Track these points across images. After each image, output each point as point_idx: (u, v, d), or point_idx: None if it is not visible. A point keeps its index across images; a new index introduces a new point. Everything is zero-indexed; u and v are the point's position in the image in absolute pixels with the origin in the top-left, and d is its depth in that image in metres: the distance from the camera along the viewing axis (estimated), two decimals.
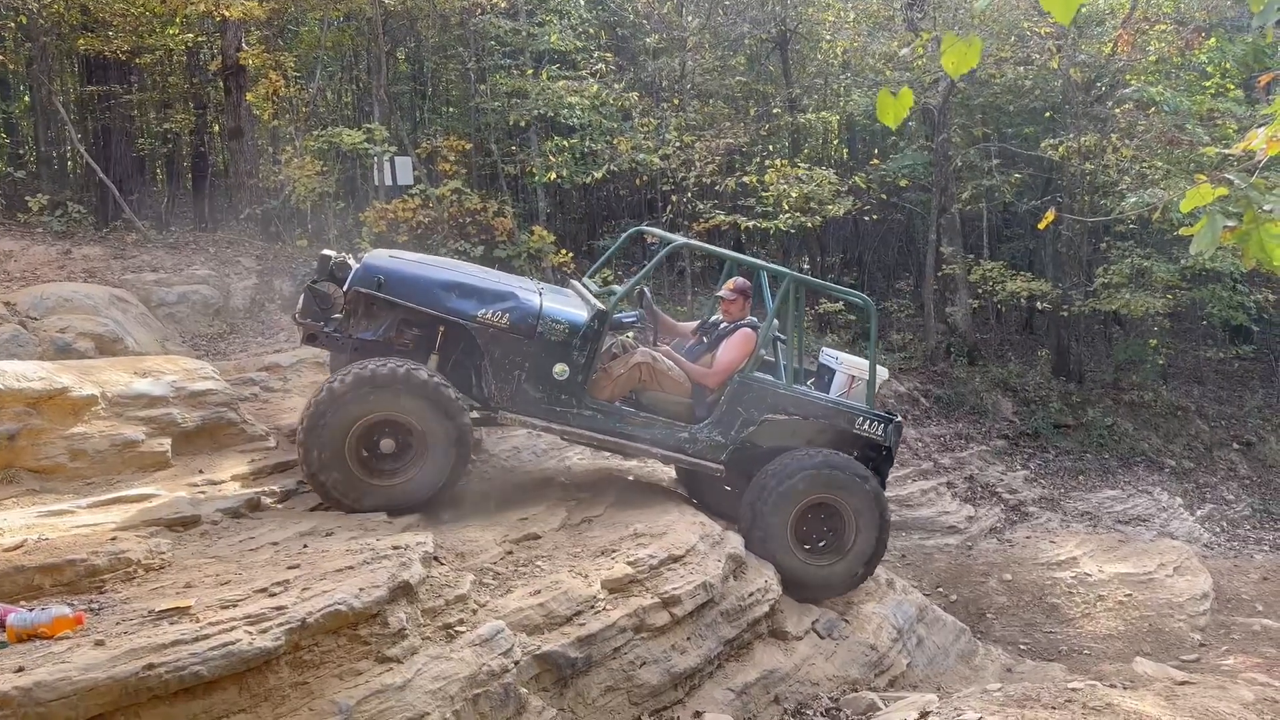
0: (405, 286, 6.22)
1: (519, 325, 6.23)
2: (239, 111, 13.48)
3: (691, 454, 6.65)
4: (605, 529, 6.38)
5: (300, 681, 3.95)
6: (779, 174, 13.95)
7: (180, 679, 3.56)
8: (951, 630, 8.26)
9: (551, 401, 6.33)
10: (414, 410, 5.88)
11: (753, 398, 6.65)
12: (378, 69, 14.39)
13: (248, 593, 4.18)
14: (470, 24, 14.76)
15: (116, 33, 13.12)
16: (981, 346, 17.31)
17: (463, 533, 5.95)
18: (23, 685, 3.32)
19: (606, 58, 15.31)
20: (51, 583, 4.37)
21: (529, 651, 4.90)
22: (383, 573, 4.58)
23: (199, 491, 6.00)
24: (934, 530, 12.03)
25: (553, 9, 15.72)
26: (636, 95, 15.20)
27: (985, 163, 17.68)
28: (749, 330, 6.91)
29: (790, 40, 17.09)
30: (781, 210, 13.97)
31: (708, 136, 14.94)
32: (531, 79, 14.45)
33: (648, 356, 6.72)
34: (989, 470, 13.85)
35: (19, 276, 9.87)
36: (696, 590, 5.78)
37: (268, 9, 12.87)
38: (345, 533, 5.56)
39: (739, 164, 15.52)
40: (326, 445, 5.77)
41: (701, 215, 14.49)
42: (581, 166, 14.93)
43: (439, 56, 16.67)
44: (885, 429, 6.97)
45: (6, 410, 5.91)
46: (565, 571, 5.60)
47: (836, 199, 14.28)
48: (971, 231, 19.21)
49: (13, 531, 5.00)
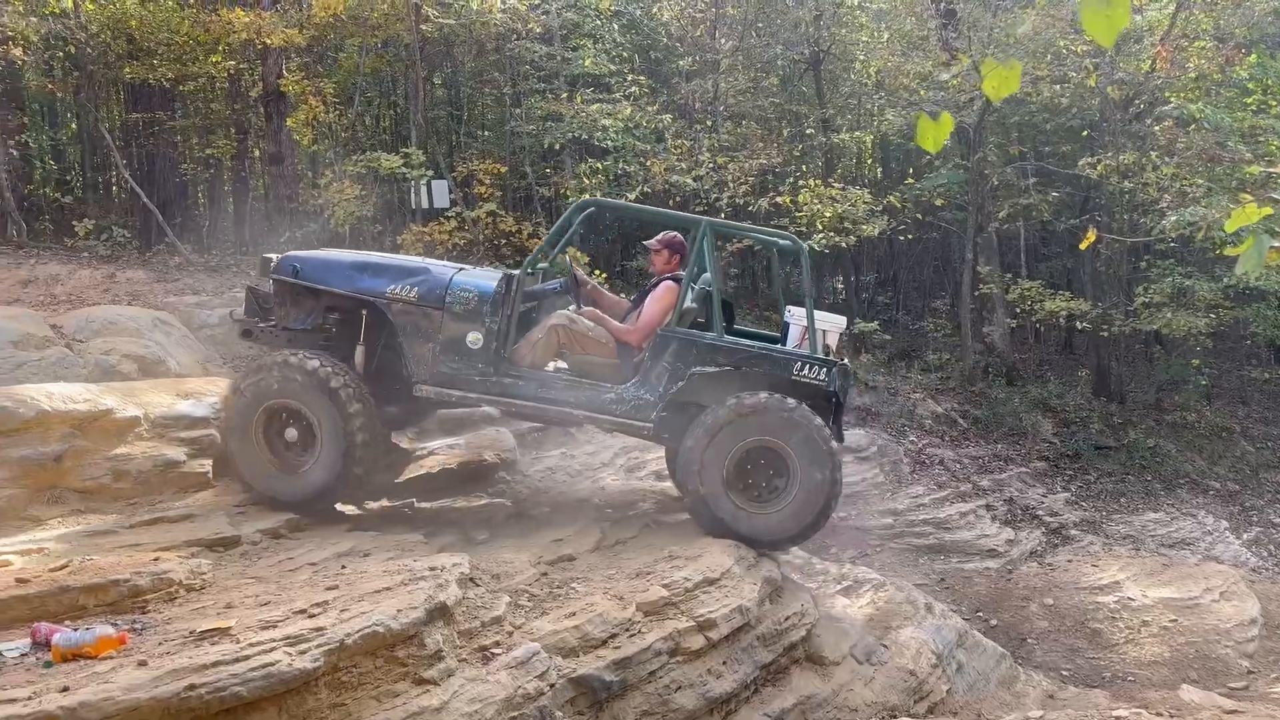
0: (318, 271, 6.34)
1: (428, 297, 6.19)
2: (279, 137, 13.73)
3: (619, 415, 6.32)
4: (639, 551, 6.35)
5: (338, 703, 3.97)
6: (813, 194, 13.94)
7: (221, 699, 3.60)
8: (992, 655, 8.12)
9: (469, 371, 6.20)
10: (308, 399, 5.94)
11: (678, 351, 6.28)
12: (415, 94, 14.59)
13: (287, 613, 4.21)
14: (506, 49, 14.94)
15: (161, 61, 13.45)
16: (1020, 366, 17.12)
17: (497, 554, 5.96)
18: (68, 705, 3.37)
19: (640, 80, 15.42)
20: (95, 603, 4.43)
21: (564, 674, 4.88)
22: (420, 594, 4.59)
23: (239, 512, 6.06)
24: (973, 553, 11.86)
25: (587, 33, 15.88)
26: (670, 117, 15.28)
27: (1022, 181, 17.55)
28: (670, 283, 6.58)
29: (823, 61, 17.12)
30: (815, 230, 13.95)
31: (741, 157, 14.98)
32: (566, 102, 14.58)
33: (563, 318, 6.49)
34: (1029, 492, 13.65)
35: (65, 299, 10.09)
36: (732, 614, 5.73)
37: (308, 36, 13.13)
38: (382, 553, 5.59)
39: (772, 184, 15.53)
40: (237, 425, 5.97)
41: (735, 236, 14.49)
42: (615, 188, 15.02)
43: (475, 81, 16.89)
44: (828, 373, 6.35)
45: (53, 431, 6.02)
46: (600, 594, 5.58)
47: (871, 218, 14.24)
48: (1008, 250, 19.04)
49: (58, 552, 5.09)
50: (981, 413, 15.18)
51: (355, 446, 6.01)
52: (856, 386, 14.41)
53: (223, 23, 12.80)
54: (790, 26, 16.69)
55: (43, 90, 15.62)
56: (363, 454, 6.08)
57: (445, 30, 14.29)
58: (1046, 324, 18.05)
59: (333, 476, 6.05)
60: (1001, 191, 17.40)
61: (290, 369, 5.97)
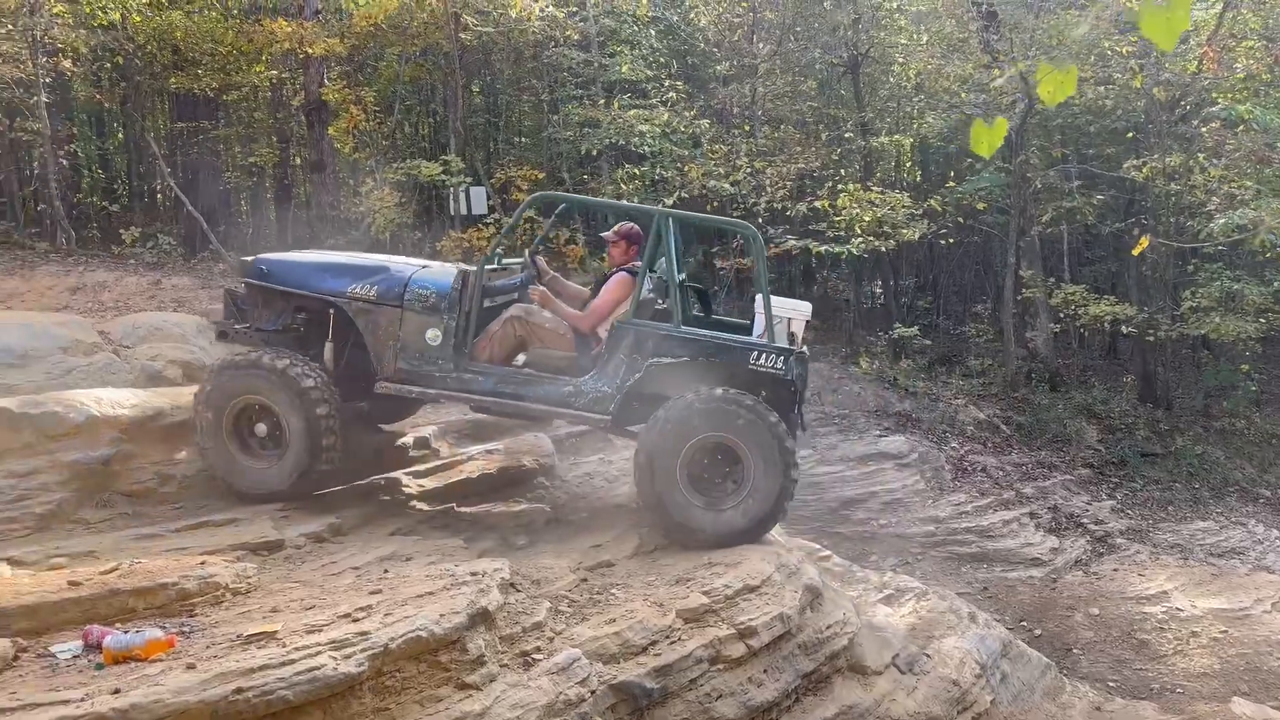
0: (285, 273, 6.46)
1: (386, 296, 6.23)
2: (321, 145, 13.90)
3: (578, 408, 6.25)
4: (678, 557, 6.32)
5: (382, 707, 3.99)
6: (851, 198, 13.85)
7: (267, 703, 3.63)
8: (1037, 666, 8.00)
9: (429, 368, 6.21)
10: (275, 396, 6.03)
11: (635, 343, 6.18)
12: (454, 102, 14.72)
13: (332, 618, 4.24)
14: (544, 56, 15.02)
15: (205, 71, 13.70)
16: (1063, 372, 16.90)
17: (537, 559, 5.97)
18: (119, 707, 3.42)
19: (677, 86, 15.42)
20: (145, 605, 4.49)
21: (605, 681, 4.87)
22: (462, 599, 4.60)
23: (283, 516, 6.12)
24: (1016, 562, 11.71)
25: (624, 40, 15.93)
26: (707, 122, 15.28)
27: (1065, 184, 17.31)
28: (625, 274, 6.50)
29: (862, 64, 17.02)
30: (854, 234, 13.86)
31: (778, 161, 14.93)
32: (603, 109, 14.62)
33: (519, 310, 6.44)
34: (1073, 500, 13.45)
35: (113, 306, 10.27)
36: (773, 622, 5.68)
37: (349, 45, 13.29)
38: (424, 558, 5.62)
39: (810, 188, 15.46)
40: (209, 421, 6.10)
41: (772, 240, 14.44)
42: (652, 193, 15.03)
43: (513, 89, 17.00)
44: (785, 361, 6.18)
45: (101, 436, 6.10)
46: (640, 600, 5.56)
47: (911, 222, 14.12)
48: (1051, 254, 18.81)
49: (108, 555, 5.16)
50: (1024, 419, 14.99)
51: (321, 445, 6.09)
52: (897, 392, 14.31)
53: (266, 33, 13.00)
54: (828, 30, 16.62)
55: (91, 101, 15.96)
56: (329, 452, 6.15)
57: (484, 38, 14.40)
58: (1091, 329, 17.81)
59: (299, 472, 6.13)
60: (1044, 195, 17.19)
61: (260, 368, 6.09)
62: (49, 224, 12.99)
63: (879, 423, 13.44)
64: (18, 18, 12.33)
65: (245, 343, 6.65)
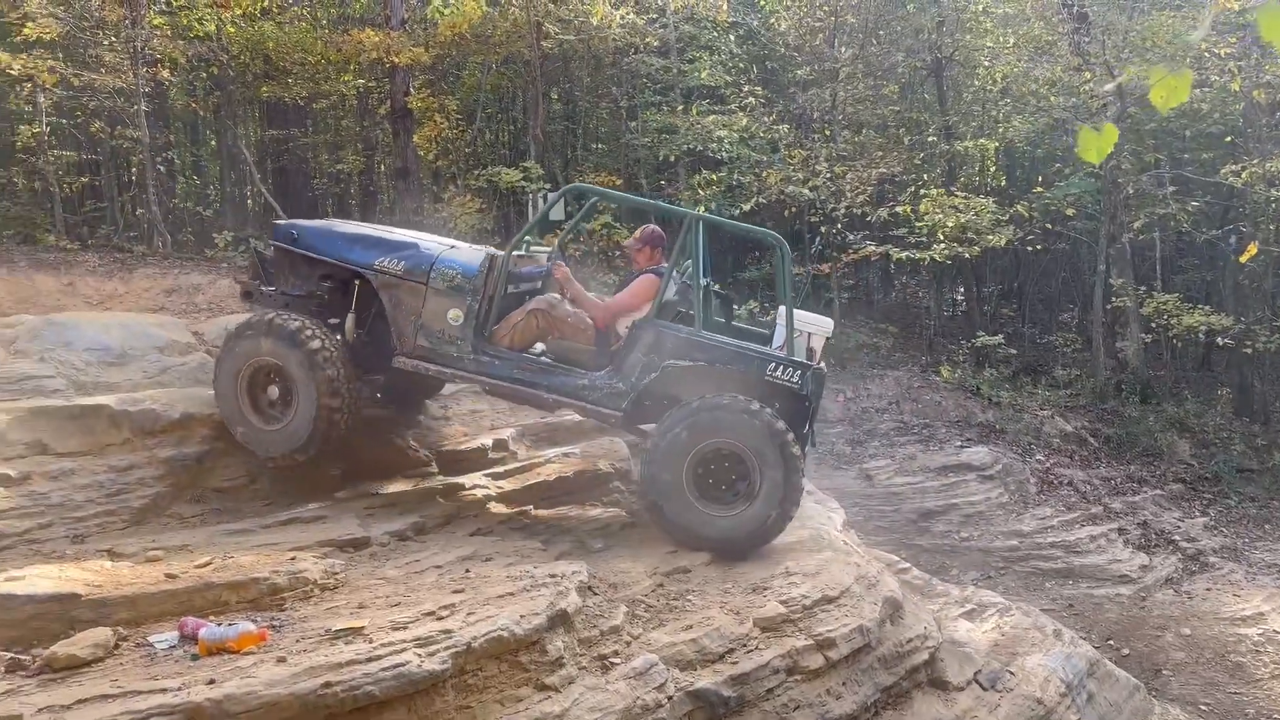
0: (314, 240, 6.52)
1: (413, 271, 6.24)
2: (406, 153, 14.19)
3: (590, 401, 6.24)
4: (755, 565, 6.27)
5: (464, 705, 4.05)
6: (934, 203, 13.61)
7: (354, 698, 3.71)
8: (1125, 687, 7.76)
9: (448, 347, 6.22)
10: (286, 358, 6.08)
11: (654, 343, 6.16)
12: (534, 109, 14.88)
13: (416, 615, 4.32)
14: (623, 63, 15.09)
15: (295, 80, 14.08)
16: (1155, 384, 16.35)
17: (614, 563, 5.98)
18: (214, 697, 3.53)
19: (756, 91, 15.36)
20: (237, 599, 4.63)
21: (681, 687, 4.86)
22: (541, 600, 4.65)
23: (368, 514, 6.25)
24: (1104, 579, 11.37)
25: (703, 45, 15.93)
26: (786, 127, 15.18)
27: (1158, 190, 16.76)
28: (652, 275, 6.45)
29: (946, 67, 16.72)
30: (936, 240, 13.61)
31: (859, 166, 14.75)
32: (681, 114, 14.63)
33: (544, 303, 6.45)
34: (1164, 516, 13.00)
35: (206, 308, 10.61)
36: (852, 634, 5.61)
37: (433, 55, 13.53)
38: (503, 559, 5.68)
39: (891, 193, 15.25)
40: (225, 379, 6.20)
41: (851, 246, 14.29)
42: (728, 199, 14.99)
43: (591, 96, 17.12)
44: (801, 375, 6.15)
45: (195, 434, 6.32)
46: (716, 608, 5.54)
47: (996, 228, 13.81)
48: (1143, 262, 18.22)
49: (201, 549, 5.33)
50: (1113, 431, 14.55)
51: (327, 408, 6.11)
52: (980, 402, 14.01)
53: (354, 42, 13.32)
54: (911, 33, 16.39)
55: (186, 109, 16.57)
56: (335, 416, 6.16)
57: (564, 46, 14.53)
58: (1184, 339, 17.17)
59: (305, 435, 6.16)
60: (1136, 201, 16.67)
61: (275, 329, 6.14)
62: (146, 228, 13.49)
63: (961, 433, 13.17)
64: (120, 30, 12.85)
65: (269, 305, 6.68)
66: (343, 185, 17.36)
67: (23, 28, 11.90)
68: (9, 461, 5.69)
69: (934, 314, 18.31)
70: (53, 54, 12.32)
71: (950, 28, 16.42)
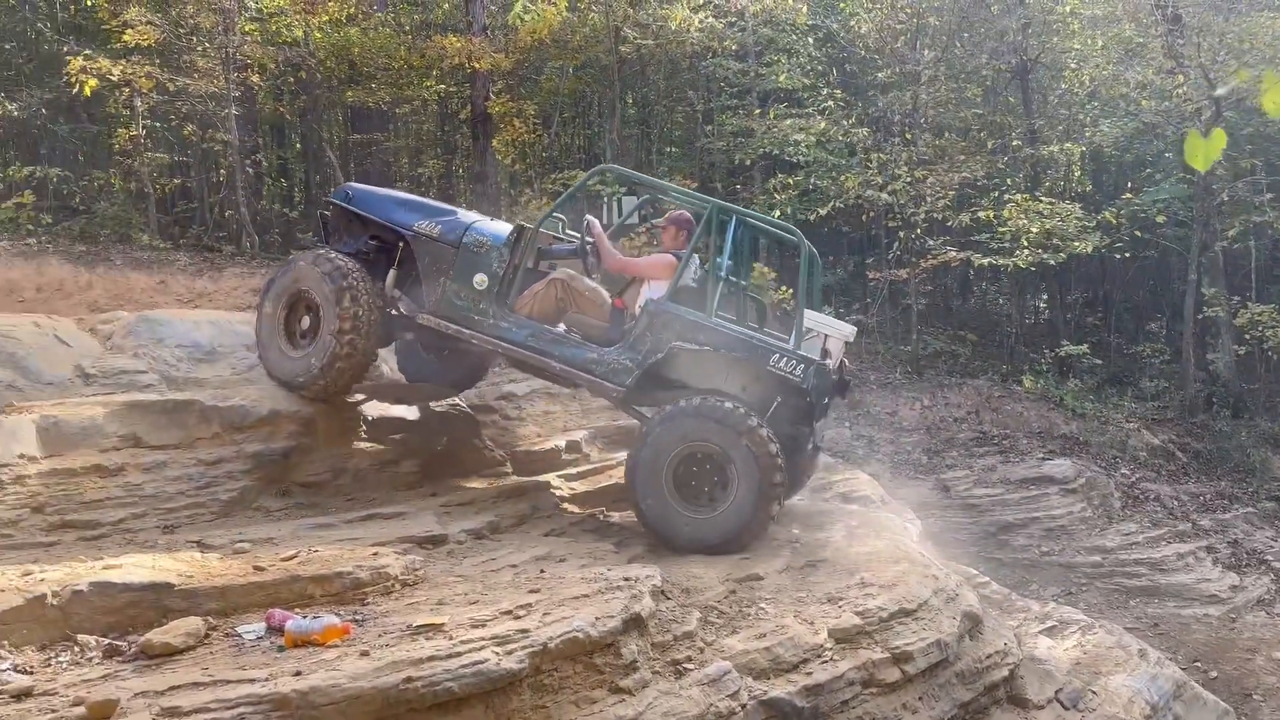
0: (365, 201, 7.00)
1: (447, 235, 6.59)
2: (484, 157, 14.37)
3: (595, 374, 6.40)
4: (830, 575, 6.20)
5: (540, 705, 4.07)
6: (1019, 209, 13.31)
7: (434, 694, 3.76)
8: (1213, 710, 7.49)
9: (470, 309, 6.48)
10: (319, 290, 6.45)
11: (663, 324, 6.30)
12: (611, 113, 14.95)
13: (494, 613, 4.36)
14: (700, 67, 15.08)
15: (379, 85, 14.36)
16: (1247, 398, 15.73)
17: (686, 568, 5.95)
18: (300, 689, 3.61)
19: (835, 94, 15.20)
20: (321, 593, 4.73)
21: (755, 696, 4.82)
22: (616, 603, 4.65)
23: (445, 512, 6.35)
24: (1191, 599, 10.99)
25: (781, 48, 15.82)
26: (865, 131, 14.99)
27: (1254, 196, 16.12)
28: (671, 257, 6.63)
29: (1031, 70, 16.35)
30: (1019, 246, 13.31)
31: (940, 170, 14.49)
32: (758, 118, 14.56)
33: (564, 274, 6.67)
34: (1256, 535, 12.52)
35: None
36: (930, 648, 5.51)
37: (513, 60, 13.69)
38: (576, 560, 5.71)
39: (974, 198, 14.95)
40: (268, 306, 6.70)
41: (930, 251, 14.05)
42: (804, 203, 14.87)
43: (667, 100, 17.14)
44: (804, 370, 6.17)
45: (282, 429, 6.48)
46: (790, 616, 5.48)
47: (1083, 235, 13.45)
48: (1237, 271, 17.56)
49: (286, 542, 5.47)
50: (1203, 446, 14.05)
51: (341, 342, 6.39)
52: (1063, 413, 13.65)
53: (436, 48, 13.55)
54: (996, 35, 16.05)
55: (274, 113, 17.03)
56: (348, 350, 6.43)
57: (642, 50, 14.57)
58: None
59: (318, 366, 6.46)
60: (1230, 207, 16.07)
61: (315, 261, 6.57)
62: (235, 228, 13.92)
63: (1043, 445, 12.85)
64: (213, 36, 13.29)
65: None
66: (422, 189, 17.66)
67: (123, 35, 12.37)
68: (105, 453, 5.91)
69: (1015, 322, 17.91)
70: (150, 60, 12.77)
71: (1036, 30, 16.05)
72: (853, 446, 12.02)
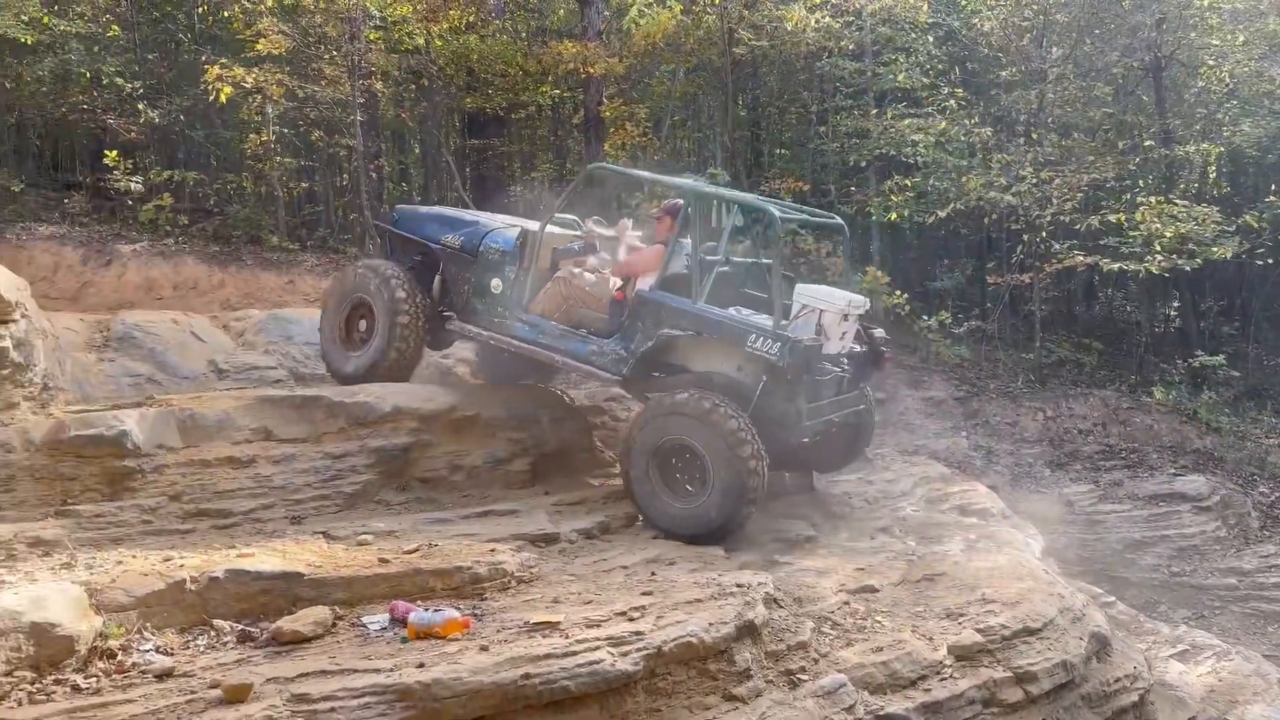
0: (409, 221, 7.77)
1: (467, 246, 7.25)
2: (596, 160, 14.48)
3: (595, 365, 6.81)
4: (948, 590, 6.05)
5: (654, 708, 4.08)
6: (1151, 211, 12.69)
7: (551, 691, 3.81)
8: None
9: (490, 313, 7.11)
10: (376, 298, 7.15)
11: (653, 312, 6.62)
12: (724, 116, 14.89)
13: (609, 614, 4.39)
14: (815, 68, 14.88)
15: (495, 91, 14.62)
16: None
17: (799, 577, 5.89)
18: (423, 680, 3.70)
19: (956, 93, 14.79)
20: (442, 586, 4.85)
21: (871, 710, 4.73)
22: (729, 609, 4.62)
23: (556, 511, 6.42)
24: None
25: (899, 48, 15.49)
26: (988, 130, 14.53)
27: None
28: (660, 247, 6.97)
29: (1165, 67, 15.59)
30: (1151, 251, 12.69)
31: (1067, 172, 13.93)
32: (874, 119, 14.28)
33: (565, 273, 7.12)
34: None
35: None
36: (1055, 669, 5.32)
37: (627, 64, 13.76)
38: (686, 564, 5.70)
39: (1103, 200, 14.34)
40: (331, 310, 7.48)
41: (1056, 255, 13.53)
42: (921, 205, 14.51)
43: (779, 101, 16.96)
44: (780, 348, 6.20)
45: (403, 426, 6.67)
46: (908, 631, 5.37)
47: (1220, 239, 12.74)
48: None
49: (405, 535, 5.62)
50: None
51: (393, 344, 7.07)
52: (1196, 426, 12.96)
53: (552, 54, 13.72)
54: (1128, 32, 15.35)
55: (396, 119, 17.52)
56: (399, 348, 7.10)
57: (755, 52, 14.46)
58: None
59: (369, 364, 7.16)
60: None
61: (370, 270, 7.32)
62: (358, 231, 14.37)
63: (1174, 460, 12.22)
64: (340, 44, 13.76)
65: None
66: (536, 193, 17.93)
67: (255, 44, 12.92)
68: (237, 445, 6.19)
69: (1144, 330, 17.10)
70: (280, 68, 13.30)
71: (1172, 25, 15.28)
72: (970, 457, 11.67)
